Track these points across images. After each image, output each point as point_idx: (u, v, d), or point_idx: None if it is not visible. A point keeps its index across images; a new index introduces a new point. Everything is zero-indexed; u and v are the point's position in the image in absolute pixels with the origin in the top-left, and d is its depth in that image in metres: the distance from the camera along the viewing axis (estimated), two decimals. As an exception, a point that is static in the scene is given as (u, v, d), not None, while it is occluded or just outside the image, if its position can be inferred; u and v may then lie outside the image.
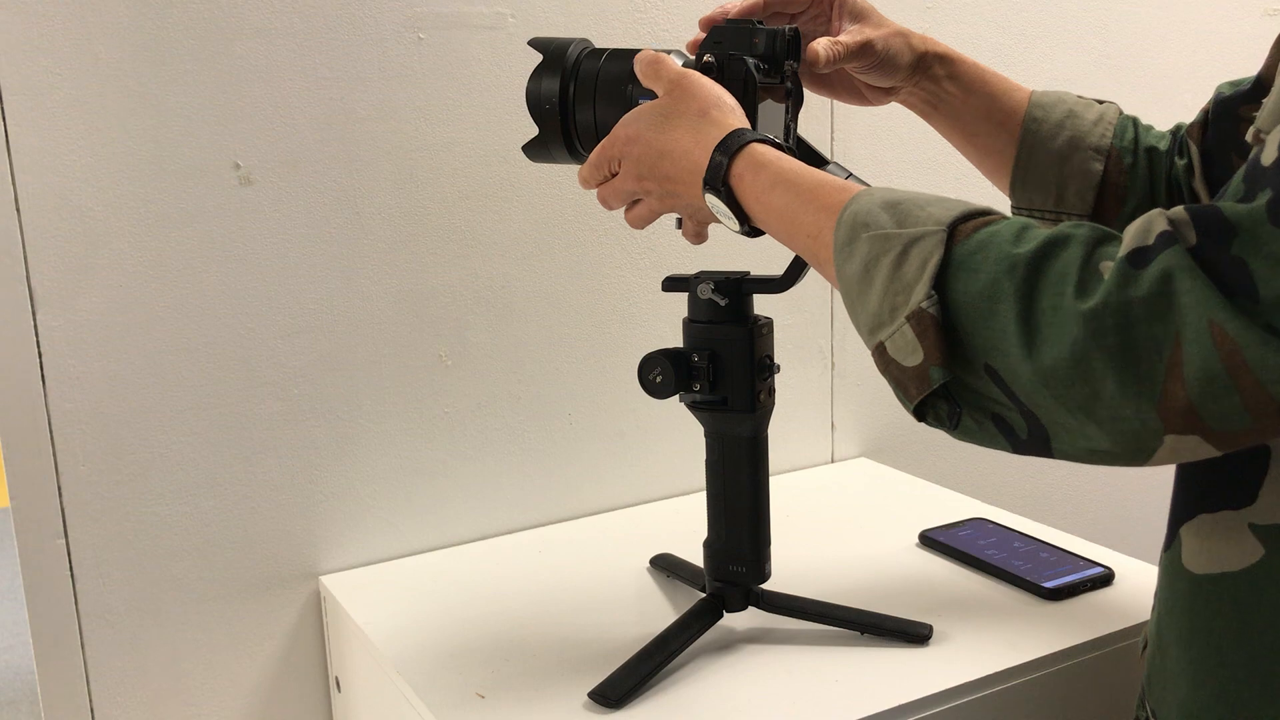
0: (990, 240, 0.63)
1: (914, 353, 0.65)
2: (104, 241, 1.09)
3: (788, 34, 0.90)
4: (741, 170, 0.79)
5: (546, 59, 0.93)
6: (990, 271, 0.62)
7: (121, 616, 1.14)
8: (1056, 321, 0.59)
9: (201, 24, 1.09)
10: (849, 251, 0.69)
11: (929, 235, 0.65)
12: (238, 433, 1.17)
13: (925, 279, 0.64)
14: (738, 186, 0.79)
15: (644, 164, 0.85)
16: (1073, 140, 0.97)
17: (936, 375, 0.64)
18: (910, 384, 0.66)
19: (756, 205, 0.78)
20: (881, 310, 0.67)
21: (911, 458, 1.55)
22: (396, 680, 1.00)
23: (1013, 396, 0.62)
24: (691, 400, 0.97)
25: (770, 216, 0.78)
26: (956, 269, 0.63)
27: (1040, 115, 0.98)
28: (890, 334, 0.66)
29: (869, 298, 0.68)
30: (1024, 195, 0.99)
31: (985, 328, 0.62)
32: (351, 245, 1.19)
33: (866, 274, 0.68)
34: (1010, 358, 0.60)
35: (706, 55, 0.88)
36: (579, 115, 0.92)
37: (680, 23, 1.31)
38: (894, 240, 0.66)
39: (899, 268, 0.65)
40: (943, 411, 0.66)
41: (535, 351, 1.30)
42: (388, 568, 1.24)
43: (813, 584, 1.10)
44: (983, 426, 0.65)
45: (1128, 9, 1.61)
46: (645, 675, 0.94)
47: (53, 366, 1.08)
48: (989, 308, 0.61)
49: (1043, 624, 1.03)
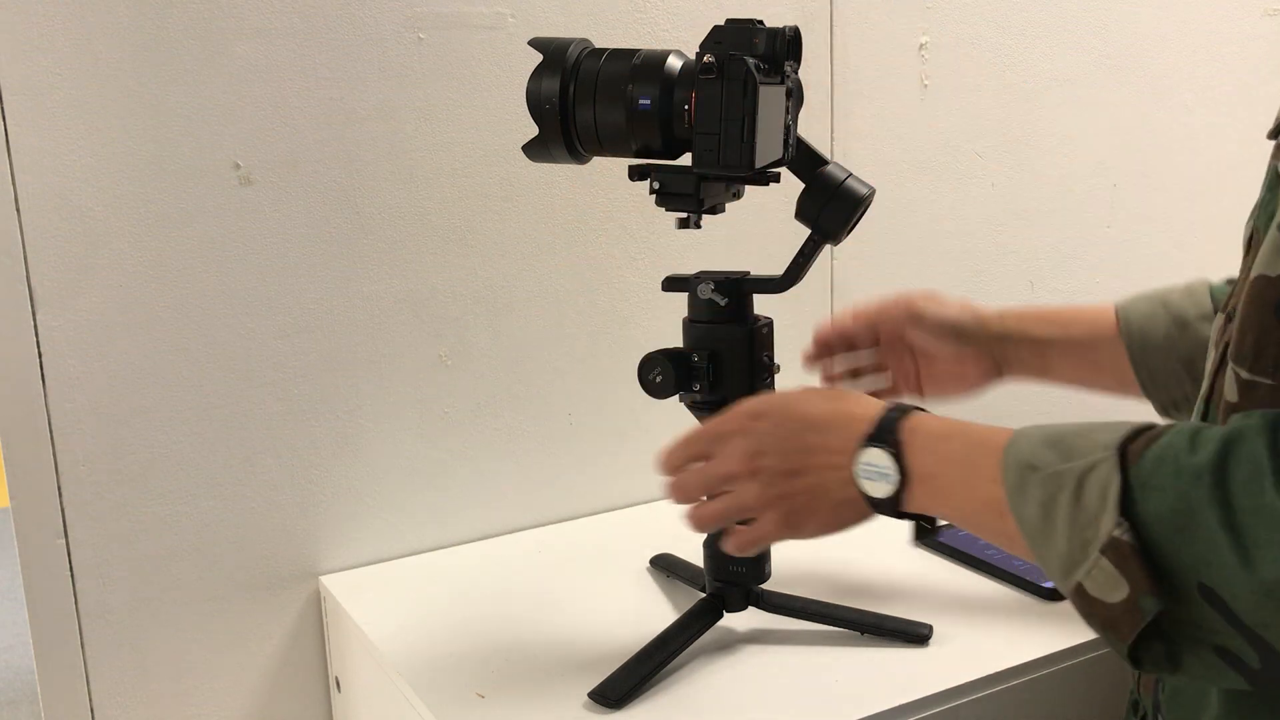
0: (1165, 454, 0.60)
1: (1117, 586, 0.60)
2: (104, 241, 1.08)
3: (788, 34, 0.90)
4: (915, 424, 0.76)
5: (547, 59, 0.93)
6: (1177, 485, 0.59)
7: (121, 616, 1.14)
8: (1264, 522, 0.56)
9: (201, 24, 1.09)
10: (1022, 497, 0.66)
11: (1101, 463, 0.62)
12: (238, 433, 1.16)
13: (1110, 507, 0.60)
14: (910, 438, 0.75)
15: (774, 437, 0.80)
16: (1174, 319, 0.97)
17: (1149, 605, 0.59)
18: (1122, 622, 0.61)
19: (929, 458, 0.74)
20: (1072, 549, 0.63)
21: (911, 458, 1.55)
22: (396, 680, 1.00)
23: (1233, 619, 0.58)
24: (691, 400, 0.97)
25: (938, 470, 0.74)
26: (1140, 490, 0.60)
27: (1133, 316, 0.99)
28: (1087, 571, 0.62)
29: (1055, 539, 0.64)
30: (1160, 395, 0.99)
31: (1190, 543, 0.58)
32: (351, 245, 1.19)
33: (1046, 515, 0.64)
34: (1226, 569, 0.57)
35: (707, 55, 0.88)
36: (579, 115, 0.92)
37: (680, 23, 1.31)
38: (1066, 476, 0.63)
39: (1077, 501, 0.62)
40: (1159, 653, 0.61)
41: (535, 351, 1.30)
42: (388, 568, 1.24)
43: (813, 584, 1.10)
44: (1206, 661, 0.60)
45: (1128, 9, 1.61)
46: (645, 675, 0.94)
47: (53, 366, 1.08)
48: (1188, 522, 0.58)
49: (1043, 624, 1.02)
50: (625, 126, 0.90)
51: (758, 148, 0.86)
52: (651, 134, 0.90)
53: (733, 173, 0.87)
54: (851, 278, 1.45)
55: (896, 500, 0.76)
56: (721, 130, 0.87)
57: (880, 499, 0.77)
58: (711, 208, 0.94)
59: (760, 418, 0.81)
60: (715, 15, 1.32)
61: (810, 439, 0.79)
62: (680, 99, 0.89)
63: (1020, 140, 1.56)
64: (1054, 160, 1.59)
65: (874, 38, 1.43)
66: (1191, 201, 1.70)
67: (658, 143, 0.91)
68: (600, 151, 0.94)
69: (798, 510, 0.80)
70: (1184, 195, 1.68)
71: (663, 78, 0.89)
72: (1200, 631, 0.59)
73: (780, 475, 0.80)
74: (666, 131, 0.90)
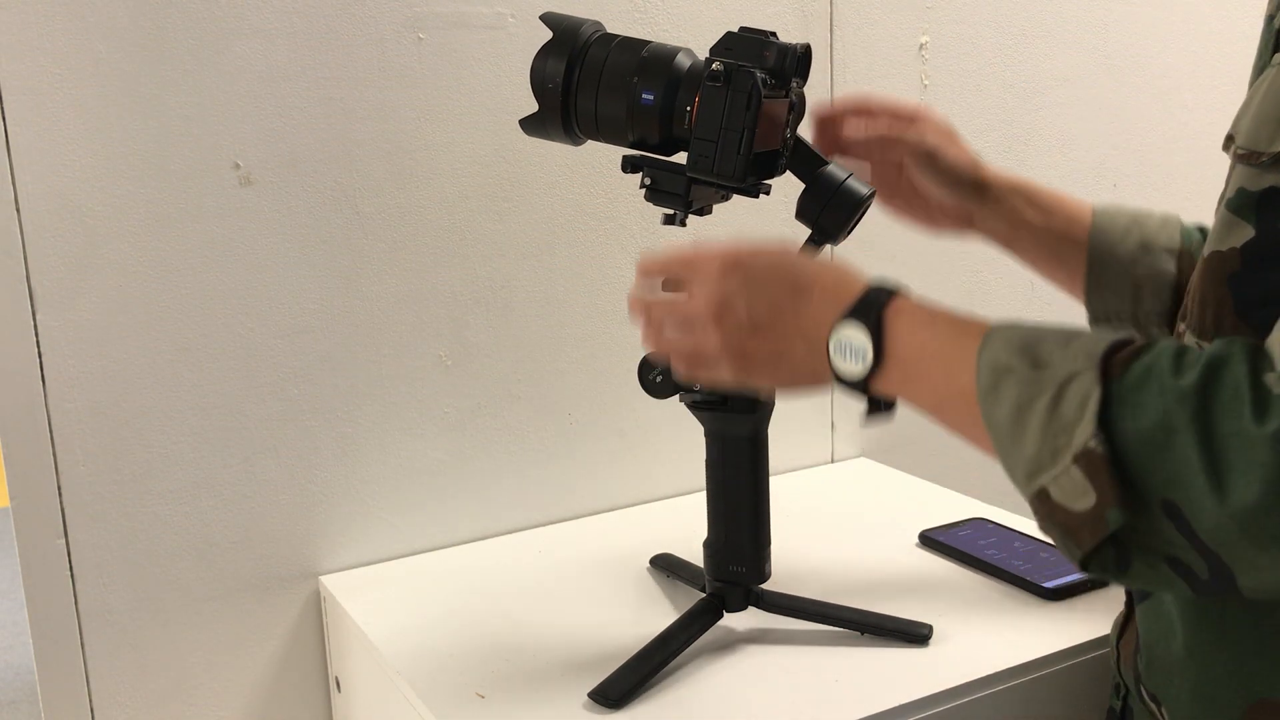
0: (1151, 372, 0.60)
1: (1084, 495, 0.61)
2: (104, 241, 1.08)
3: (799, 50, 0.89)
4: (900, 306, 0.74)
5: (556, 37, 0.92)
6: (1159, 404, 0.59)
7: (121, 616, 1.14)
8: (1241, 447, 0.56)
9: (201, 24, 1.09)
10: (995, 397, 0.66)
11: (1082, 373, 0.62)
12: (238, 433, 1.16)
13: (1089, 417, 0.61)
14: (893, 321, 0.73)
15: (749, 289, 0.78)
16: (1142, 243, 0.97)
17: (1114, 517, 0.60)
18: (1082, 530, 0.62)
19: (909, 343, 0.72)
20: (1041, 454, 0.63)
21: (911, 458, 1.55)
22: (396, 680, 1.00)
23: (1192, 536, 0.59)
24: (691, 400, 0.97)
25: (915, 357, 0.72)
26: (1120, 405, 0.60)
27: (1106, 224, 0.99)
28: (1055, 477, 0.62)
29: (1024, 442, 0.64)
30: (1100, 302, 0.99)
31: (1163, 462, 0.59)
32: (351, 245, 1.19)
33: (1019, 418, 0.64)
34: (1193, 489, 0.58)
35: (715, 62, 0.87)
36: (580, 101, 0.92)
37: (680, 23, 1.31)
38: (1045, 382, 0.63)
39: (1055, 409, 0.62)
40: (1110, 558, 0.62)
41: (535, 351, 1.30)
42: (388, 568, 1.24)
43: (813, 584, 1.10)
44: (1156, 570, 0.62)
45: (1128, 9, 1.61)
46: (645, 675, 0.94)
47: (53, 366, 1.08)
48: (1165, 440, 0.58)
49: (1043, 624, 1.02)
50: (625, 118, 0.90)
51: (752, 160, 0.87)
52: (650, 129, 0.90)
53: (725, 182, 0.88)
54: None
55: (865, 381, 0.74)
56: (719, 138, 0.87)
57: (849, 378, 0.75)
58: (699, 209, 0.94)
59: (740, 266, 0.79)
60: (715, 15, 1.32)
61: (784, 300, 0.77)
62: (683, 99, 0.89)
63: (1020, 140, 1.56)
64: (1054, 160, 1.59)
65: (874, 38, 1.43)
66: (1191, 201, 1.70)
67: (655, 138, 0.91)
68: (596, 137, 0.94)
69: (754, 367, 0.79)
70: (1184, 195, 1.68)
71: (669, 75, 0.89)
72: (1156, 542, 0.61)
73: (744, 330, 0.78)
74: (665, 129, 0.90)
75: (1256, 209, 0.68)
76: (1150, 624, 0.79)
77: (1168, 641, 0.77)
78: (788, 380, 0.80)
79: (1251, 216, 0.68)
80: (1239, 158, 0.69)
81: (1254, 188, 0.68)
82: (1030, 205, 1.00)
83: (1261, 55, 0.75)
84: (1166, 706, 0.77)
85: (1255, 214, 0.68)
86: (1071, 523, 0.62)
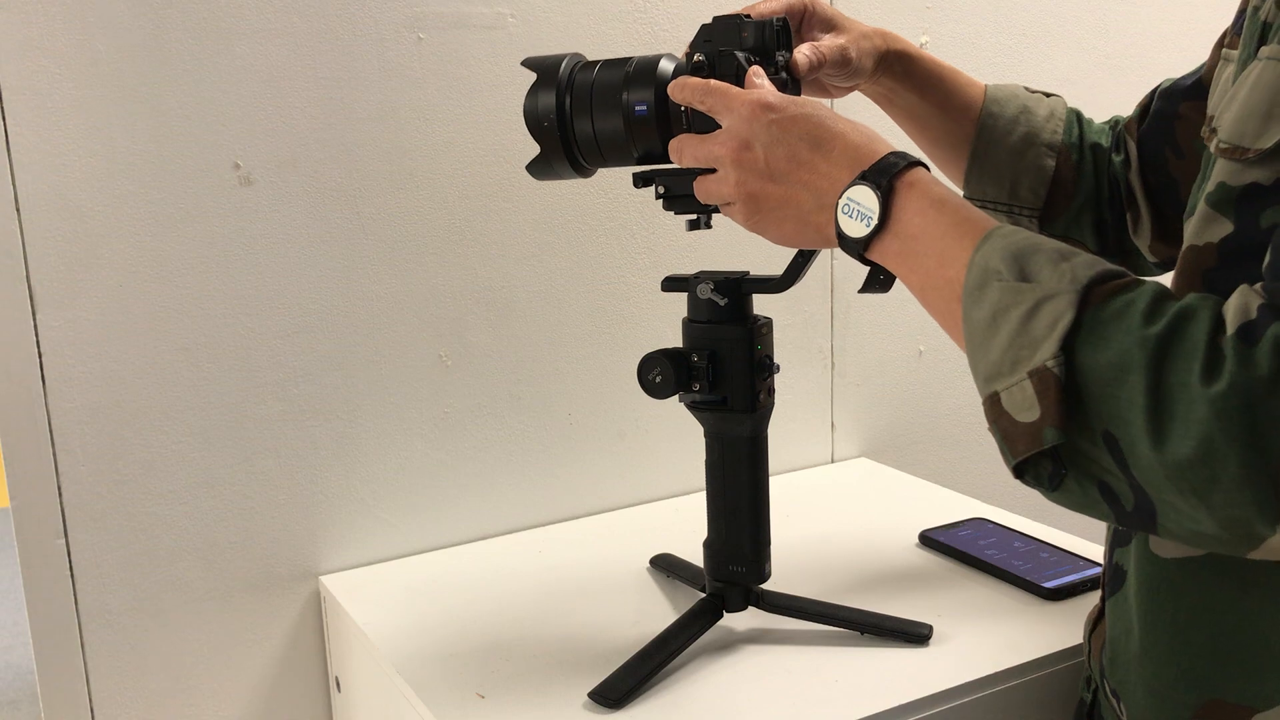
0: (1125, 311, 0.61)
1: (1029, 409, 0.63)
2: (104, 241, 1.09)
3: (776, 24, 0.90)
4: (914, 179, 0.74)
5: (541, 77, 0.93)
6: (1122, 342, 0.60)
7: (121, 616, 1.14)
8: (1184, 400, 0.58)
9: (201, 24, 1.09)
10: (978, 296, 0.67)
11: (1062, 295, 0.63)
12: (238, 433, 1.17)
13: (1054, 338, 0.62)
14: (904, 192, 0.74)
15: (770, 135, 0.80)
16: (1027, 136, 1.00)
17: (1050, 436, 0.62)
18: (1019, 440, 0.64)
19: (915, 218, 0.73)
20: (1003, 361, 0.65)
21: (911, 458, 1.56)
22: (396, 680, 1.00)
23: (1125, 468, 0.60)
24: (691, 400, 0.97)
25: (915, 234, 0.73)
26: (1087, 334, 0.62)
27: (996, 110, 1.00)
28: (1008, 386, 0.64)
29: (992, 346, 0.66)
30: (978, 187, 1.01)
31: (1111, 397, 0.60)
32: (351, 245, 1.19)
33: (994, 322, 0.66)
34: (1133, 429, 0.59)
35: (697, 55, 0.88)
36: (578, 127, 0.92)
37: (680, 23, 1.31)
38: (1026, 294, 0.64)
39: (1028, 322, 0.64)
40: (1044, 472, 0.64)
41: (535, 351, 1.30)
42: (388, 568, 1.24)
43: (813, 584, 1.10)
44: (1086, 492, 0.63)
45: (1128, 9, 1.61)
46: (645, 675, 0.94)
47: (53, 366, 1.08)
48: (1117, 377, 0.60)
49: (1043, 624, 1.03)
50: (624, 134, 0.90)
51: None
52: (651, 139, 0.90)
53: None
54: (851, 277, 1.45)
55: (865, 243, 0.75)
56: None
57: (851, 237, 0.76)
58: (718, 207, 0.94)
59: (768, 111, 0.80)
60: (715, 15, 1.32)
61: (803, 151, 0.79)
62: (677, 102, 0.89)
63: (1020, 140, 1.56)
64: (1054, 160, 1.58)
65: (874, 38, 1.43)
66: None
67: (659, 148, 0.91)
68: (603, 163, 0.94)
69: (763, 213, 0.81)
70: (1184, 195, 1.68)
71: (657, 81, 0.90)
72: (1092, 466, 0.62)
73: (760, 174, 0.80)
74: (666, 135, 0.90)
75: (1236, 205, 0.68)
76: (1115, 620, 0.80)
77: (1127, 639, 0.78)
78: (792, 232, 0.81)
79: (1231, 212, 0.68)
80: (1222, 152, 0.68)
81: (1235, 183, 0.68)
82: (910, 75, 1.00)
83: (1246, 45, 0.74)
84: (1125, 702, 0.78)
85: (1235, 210, 0.68)
86: (1012, 430, 0.64)
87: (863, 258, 0.77)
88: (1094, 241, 1.02)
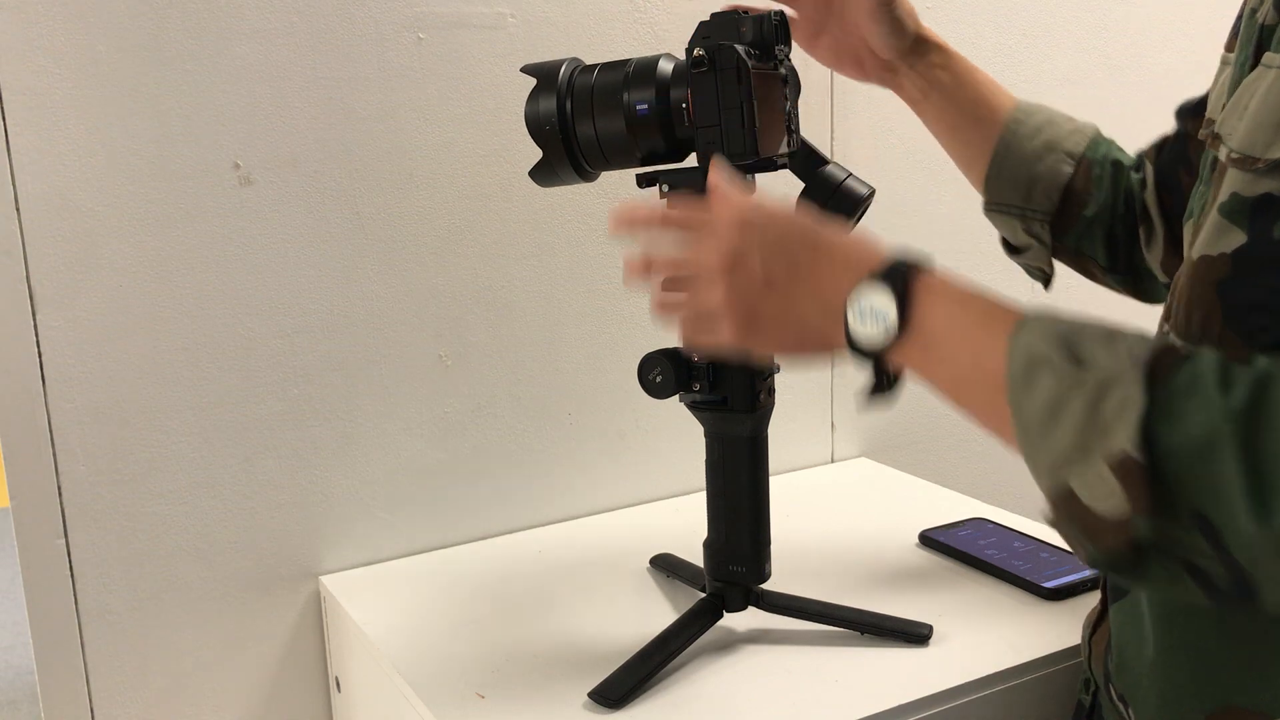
0: (1195, 385, 0.59)
1: (1108, 497, 0.60)
2: (104, 241, 1.08)
3: (775, 18, 0.90)
4: (931, 280, 0.70)
5: (540, 82, 0.93)
6: (1204, 419, 0.57)
7: (121, 616, 1.14)
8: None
9: (201, 24, 1.09)
10: (1027, 385, 0.64)
11: (1125, 375, 0.60)
12: (238, 433, 1.17)
13: (1129, 422, 0.59)
14: (924, 294, 0.70)
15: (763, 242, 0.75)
16: (1048, 143, 1.01)
17: (1142, 526, 0.59)
18: (1105, 533, 0.60)
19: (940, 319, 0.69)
20: (1071, 450, 0.61)
21: (911, 458, 1.55)
22: (396, 680, 1.00)
23: (1221, 549, 0.57)
24: (691, 400, 0.97)
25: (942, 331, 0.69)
26: (1161, 414, 0.59)
27: (1022, 117, 1.02)
28: (1080, 475, 0.61)
29: (1055, 436, 0.62)
30: (996, 191, 1.02)
31: (1202, 476, 0.57)
32: (351, 245, 1.19)
33: (1053, 411, 0.62)
34: (1234, 507, 0.56)
35: (696, 50, 0.88)
36: (580, 130, 0.92)
37: (680, 23, 1.31)
38: (1085, 378, 0.61)
39: (1094, 407, 0.60)
40: (1126, 559, 0.61)
41: (535, 351, 1.30)
42: (388, 568, 1.24)
43: (813, 584, 1.10)
44: (1173, 574, 0.60)
45: (1127, 9, 1.61)
46: (645, 675, 0.94)
47: (53, 366, 1.08)
48: (1206, 455, 0.57)
49: (1043, 624, 1.02)
50: (627, 134, 0.90)
51: (760, 134, 0.87)
52: (654, 138, 0.90)
53: (740, 161, 0.87)
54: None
55: (882, 350, 0.71)
56: (722, 121, 0.87)
57: (866, 344, 0.72)
58: None
59: (756, 222, 0.76)
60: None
61: (803, 256, 0.74)
62: (677, 98, 0.89)
63: (1020, 140, 1.56)
64: (1054, 160, 1.59)
65: (874, 38, 1.43)
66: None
67: (661, 147, 0.91)
68: (606, 165, 0.94)
69: (761, 327, 0.76)
70: (1184, 195, 1.68)
71: (657, 81, 0.90)
72: (1179, 549, 0.59)
73: (756, 285, 0.75)
74: (668, 134, 0.90)
75: (1250, 215, 0.67)
76: (1123, 625, 0.79)
77: (1140, 645, 0.77)
78: (794, 344, 0.77)
79: (1244, 222, 0.67)
80: (1234, 162, 0.68)
81: (1248, 193, 0.67)
82: (946, 69, 1.02)
83: (1243, 48, 0.74)
84: (1134, 708, 0.78)
85: (1249, 220, 0.67)
86: (1092, 522, 0.61)
87: (875, 363, 0.73)
88: (1104, 256, 1.02)
